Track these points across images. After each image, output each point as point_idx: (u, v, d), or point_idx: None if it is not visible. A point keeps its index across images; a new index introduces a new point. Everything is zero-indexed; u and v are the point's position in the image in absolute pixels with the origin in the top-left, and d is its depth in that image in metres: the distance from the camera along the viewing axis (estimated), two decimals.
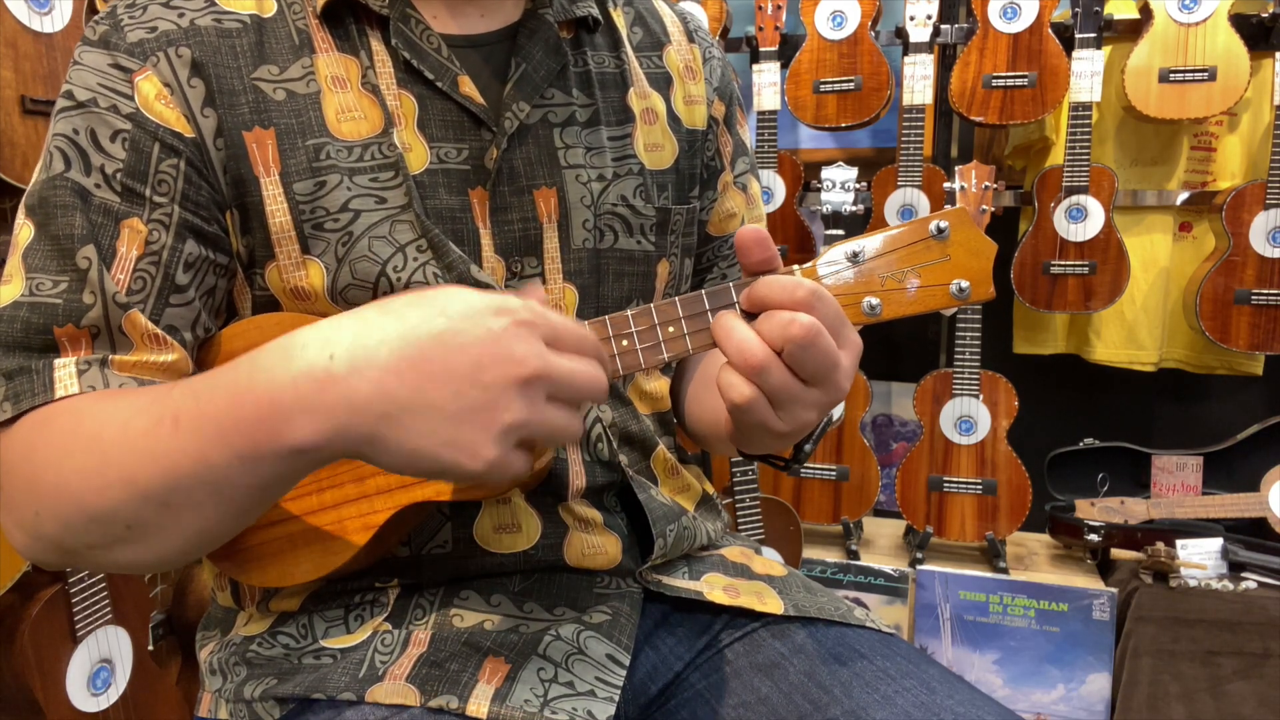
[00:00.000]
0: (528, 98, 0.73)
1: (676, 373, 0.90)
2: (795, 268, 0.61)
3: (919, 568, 2.00)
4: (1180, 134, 2.11)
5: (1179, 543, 1.87)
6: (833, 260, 0.61)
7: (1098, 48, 1.92)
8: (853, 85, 2.08)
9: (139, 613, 1.57)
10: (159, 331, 0.64)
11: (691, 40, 0.86)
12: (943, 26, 2.05)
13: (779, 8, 2.09)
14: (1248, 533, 1.94)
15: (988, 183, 1.88)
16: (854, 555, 2.11)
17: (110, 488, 0.56)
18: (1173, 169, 2.13)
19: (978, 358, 1.99)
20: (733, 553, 0.84)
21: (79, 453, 0.57)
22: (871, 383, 2.15)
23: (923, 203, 2.07)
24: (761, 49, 2.11)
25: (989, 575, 1.97)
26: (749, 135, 0.91)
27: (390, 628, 0.70)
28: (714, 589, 0.77)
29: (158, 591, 1.75)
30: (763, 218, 0.92)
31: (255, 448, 0.52)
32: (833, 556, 2.10)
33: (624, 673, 0.69)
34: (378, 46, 0.71)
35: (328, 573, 0.67)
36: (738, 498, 1.96)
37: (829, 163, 1.95)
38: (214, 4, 0.68)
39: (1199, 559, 1.86)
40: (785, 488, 2.14)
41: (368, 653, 0.69)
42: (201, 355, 0.68)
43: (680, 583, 0.78)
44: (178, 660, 1.79)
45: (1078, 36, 1.92)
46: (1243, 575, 1.86)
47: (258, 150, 0.67)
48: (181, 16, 0.67)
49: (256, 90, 0.67)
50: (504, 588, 0.74)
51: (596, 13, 0.78)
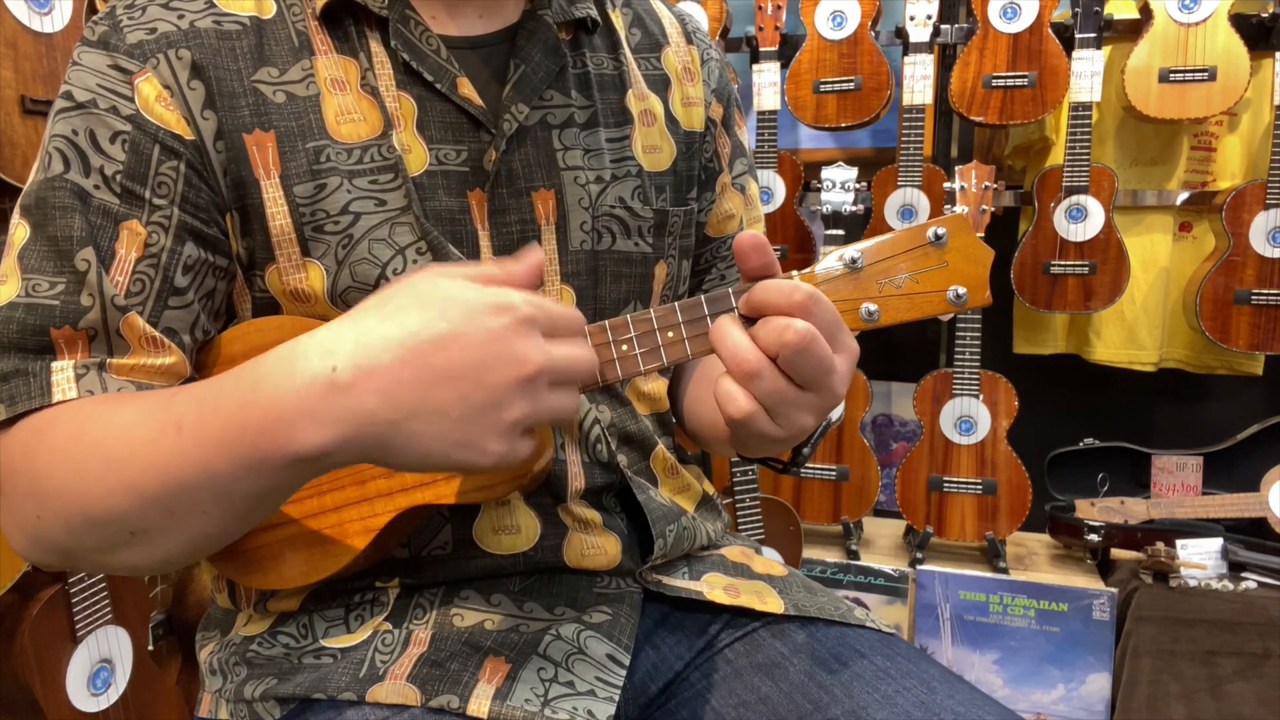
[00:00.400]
0: (526, 99, 0.73)
1: (675, 373, 0.90)
2: (794, 273, 0.61)
3: (919, 568, 2.00)
4: (1180, 134, 2.11)
5: (1179, 543, 1.87)
6: (830, 266, 0.61)
7: (1098, 48, 1.92)
8: (853, 85, 2.08)
9: (139, 613, 1.57)
10: (157, 334, 0.64)
11: (690, 42, 0.86)
12: (943, 26, 2.05)
13: (779, 8, 2.09)
14: (1248, 533, 1.94)
15: (988, 183, 1.88)
16: (854, 555, 2.11)
17: (114, 494, 0.56)
18: (1173, 169, 2.13)
19: (978, 358, 1.99)
20: (733, 552, 0.84)
21: (82, 458, 0.57)
22: (871, 383, 2.15)
23: (923, 203, 2.07)
24: (761, 49, 2.11)
25: (989, 575, 1.97)
26: (748, 136, 0.91)
27: (390, 627, 0.71)
28: (714, 589, 0.77)
29: (158, 592, 1.75)
30: (761, 218, 0.92)
31: (261, 457, 0.52)
32: (833, 556, 2.10)
33: (624, 672, 0.69)
34: (377, 48, 0.71)
35: (327, 575, 0.67)
36: (738, 498, 1.96)
37: (829, 163, 1.95)
38: (214, 6, 0.68)
39: (1199, 559, 1.86)
40: (785, 488, 2.14)
41: (368, 652, 0.69)
42: (201, 358, 0.68)
43: (680, 583, 0.78)
44: (178, 660, 1.79)
45: (1078, 36, 1.92)
46: (1243, 575, 1.86)
47: (258, 153, 0.67)
48: (181, 18, 0.67)
49: (256, 92, 0.67)
50: (504, 588, 0.74)
51: (595, 14, 0.78)
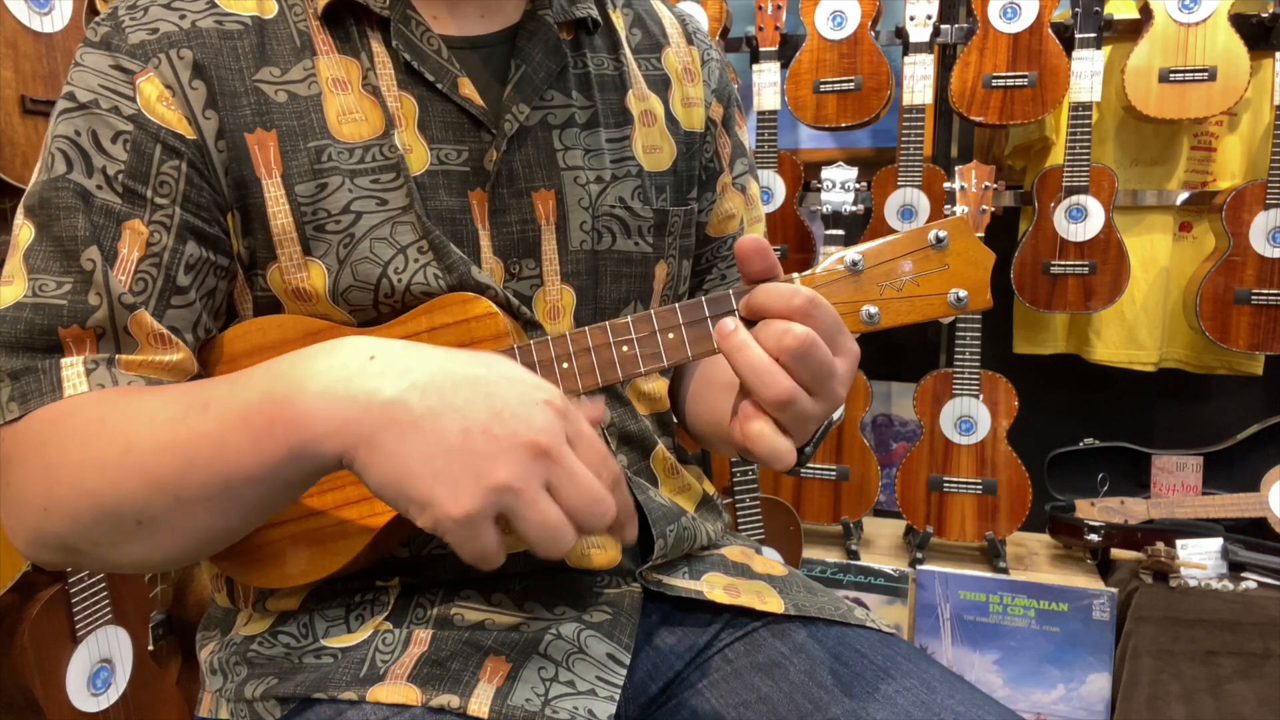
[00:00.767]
0: (527, 99, 0.73)
1: (676, 373, 0.90)
2: (795, 275, 0.61)
3: (919, 568, 2.00)
4: (1180, 134, 2.11)
5: (1179, 543, 1.87)
6: (831, 268, 0.61)
7: (1098, 48, 1.92)
8: (853, 85, 2.08)
9: (139, 613, 1.57)
10: (164, 331, 0.64)
11: (690, 42, 0.86)
12: (943, 26, 2.05)
13: (779, 8, 2.09)
14: (1248, 533, 1.94)
15: (988, 183, 1.88)
16: (854, 555, 2.11)
17: (127, 478, 0.56)
18: (1173, 169, 2.13)
19: (978, 358, 1.99)
20: (733, 552, 0.84)
21: (102, 445, 0.57)
22: (871, 383, 2.15)
23: (923, 203, 2.07)
24: (761, 49, 2.11)
25: (989, 575, 1.97)
26: (748, 136, 0.91)
27: (391, 627, 0.71)
28: (714, 589, 0.78)
29: (158, 591, 1.75)
30: (761, 218, 0.92)
31: (270, 433, 0.52)
32: (833, 556, 2.10)
33: (624, 672, 0.69)
34: (378, 48, 0.71)
35: (327, 574, 0.67)
36: (738, 498, 1.96)
37: (829, 163, 1.95)
38: (215, 5, 0.69)
39: (1199, 559, 1.86)
40: (785, 488, 2.14)
41: (369, 652, 0.69)
42: (203, 356, 0.69)
43: (681, 582, 0.78)
44: (178, 660, 1.79)
45: (1078, 36, 1.92)
46: (1243, 575, 1.86)
47: (259, 152, 0.67)
48: (183, 18, 0.67)
49: (258, 92, 0.67)
50: (505, 587, 0.74)
51: (596, 14, 0.78)
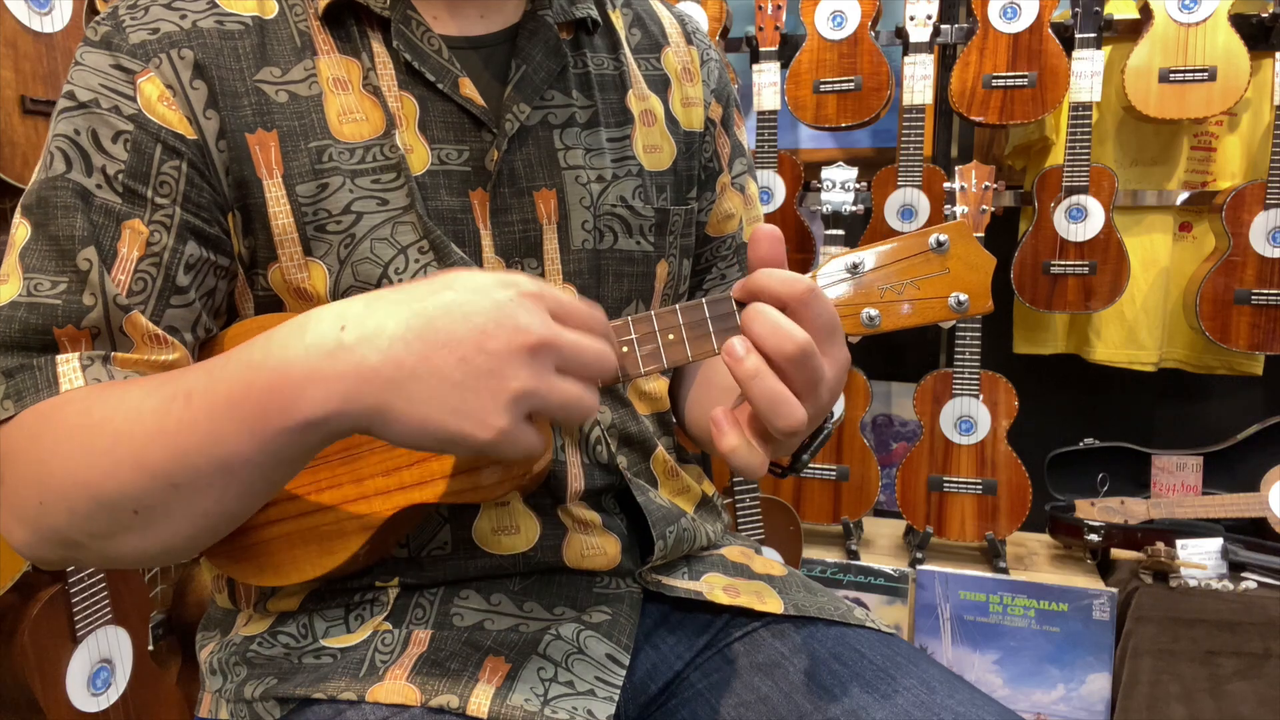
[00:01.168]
0: (528, 99, 0.73)
1: (676, 374, 0.90)
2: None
3: (919, 568, 2.00)
4: (1180, 134, 2.11)
5: (1179, 543, 1.87)
6: (832, 271, 0.61)
7: (1098, 48, 1.92)
8: (853, 85, 2.08)
9: (139, 613, 1.57)
10: (160, 331, 0.64)
11: (690, 42, 0.86)
12: (943, 26, 2.05)
13: (779, 8, 2.09)
14: (1248, 533, 1.94)
15: (988, 183, 1.88)
16: (854, 555, 2.11)
17: (120, 468, 0.56)
18: (1173, 169, 2.13)
19: (978, 358, 1.99)
20: (733, 553, 0.84)
21: (90, 437, 0.57)
22: (871, 383, 2.15)
23: (923, 203, 2.07)
24: (761, 49, 2.11)
25: (989, 575, 1.97)
26: (747, 136, 0.91)
27: (390, 627, 0.71)
28: (714, 589, 0.78)
29: (158, 592, 1.75)
30: (761, 218, 0.92)
31: (264, 419, 0.52)
32: (833, 556, 2.10)
33: (624, 672, 0.69)
34: (379, 48, 0.71)
35: (325, 573, 0.67)
36: (738, 498, 1.96)
37: (829, 163, 1.95)
38: (216, 5, 0.69)
39: (1199, 559, 1.86)
40: (785, 488, 2.14)
41: (368, 652, 0.69)
42: (204, 355, 0.69)
43: (680, 583, 0.78)
44: (178, 660, 1.79)
45: (1078, 36, 1.92)
46: (1243, 575, 1.86)
47: (260, 152, 0.67)
48: (184, 18, 0.67)
49: (259, 92, 0.67)
50: (504, 587, 0.74)
51: (596, 14, 0.78)
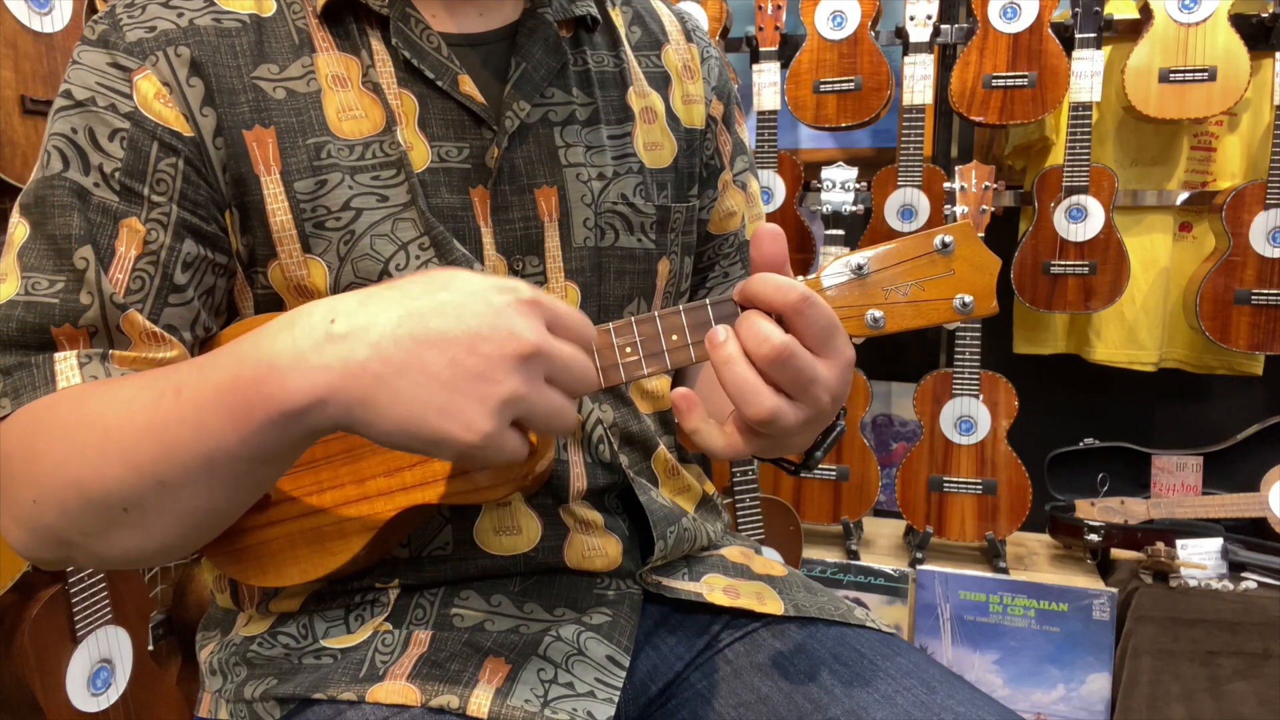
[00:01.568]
0: (528, 97, 0.73)
1: (678, 373, 0.90)
2: (799, 279, 0.61)
3: (919, 568, 2.00)
4: (1180, 134, 2.11)
5: (1179, 543, 1.87)
6: (836, 272, 0.61)
7: (1098, 48, 1.92)
8: (853, 85, 2.08)
9: (139, 613, 1.57)
10: (158, 329, 0.64)
11: (689, 40, 0.86)
12: (943, 26, 2.05)
13: (779, 8, 2.09)
14: (1248, 533, 1.94)
15: (988, 183, 1.88)
16: (854, 555, 2.11)
17: (108, 465, 0.55)
18: (1173, 169, 2.13)
19: (978, 358, 1.99)
20: (733, 553, 0.84)
21: (81, 434, 0.57)
22: (871, 383, 2.15)
23: (923, 203, 2.07)
24: (761, 49, 2.11)
25: (989, 575, 1.97)
26: (748, 135, 0.91)
27: (391, 627, 0.70)
28: (714, 590, 0.77)
29: (158, 592, 1.75)
30: (762, 215, 0.92)
31: (248, 409, 0.52)
32: (833, 556, 2.10)
33: (624, 674, 0.69)
34: (378, 46, 0.71)
35: (326, 574, 0.67)
36: (738, 498, 1.96)
37: (829, 163, 1.95)
38: (213, 3, 0.68)
39: (1199, 559, 1.86)
40: (785, 488, 2.14)
41: (368, 652, 0.69)
42: (203, 353, 0.68)
43: (680, 584, 0.78)
44: (178, 660, 1.79)
45: (1078, 36, 1.92)
46: (1243, 575, 1.86)
47: (258, 149, 0.66)
48: (180, 16, 0.67)
49: (256, 89, 0.67)
50: (504, 588, 0.74)
51: (595, 12, 0.78)
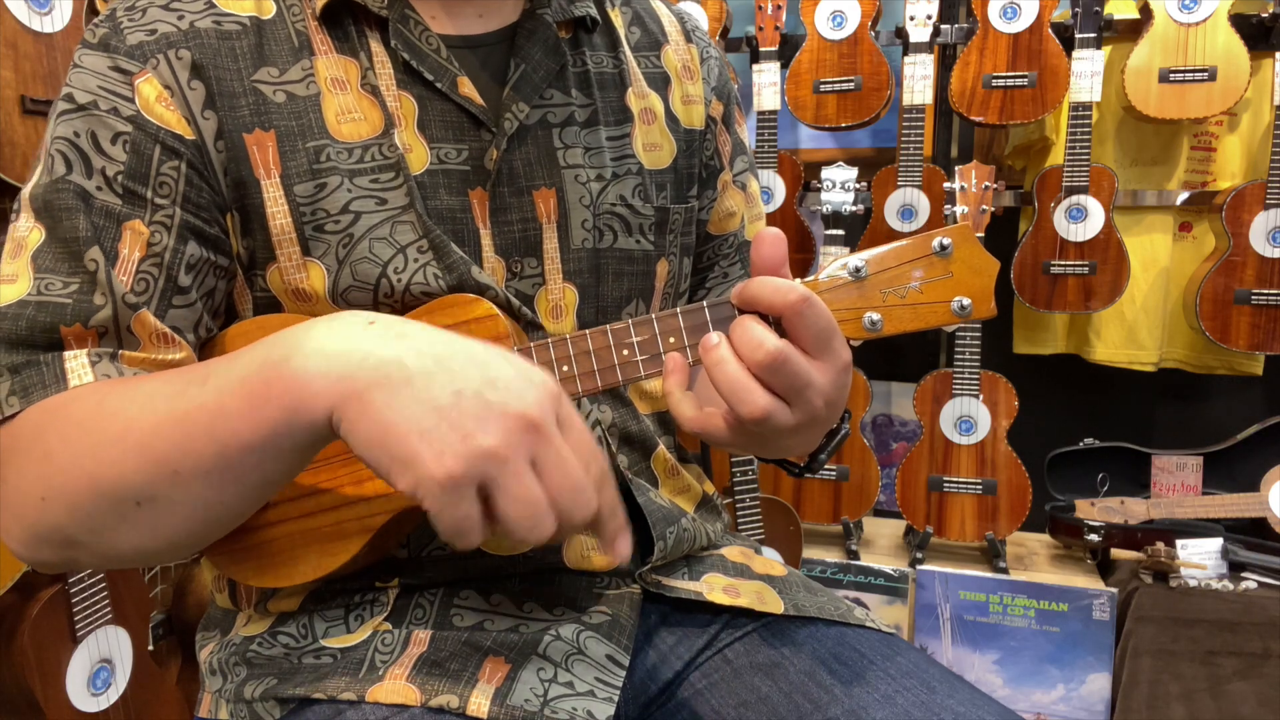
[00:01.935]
0: (527, 98, 0.73)
1: None
2: (797, 280, 0.61)
3: (919, 568, 2.00)
4: (1180, 134, 2.11)
5: (1179, 543, 1.87)
6: (835, 274, 0.61)
7: (1098, 48, 1.92)
8: (853, 85, 2.08)
9: (139, 613, 1.57)
10: (167, 330, 0.64)
11: (689, 40, 0.86)
12: (943, 26, 2.05)
13: (779, 8, 2.09)
14: (1248, 533, 1.94)
15: (988, 183, 1.88)
16: (854, 555, 2.11)
17: (126, 456, 0.55)
18: (1173, 169, 2.13)
19: (978, 358, 1.99)
20: (733, 553, 0.84)
21: (101, 427, 0.57)
22: (871, 383, 2.15)
23: (923, 203, 2.07)
24: (761, 49, 2.11)
25: (989, 575, 1.97)
26: (748, 135, 0.91)
27: (390, 627, 0.71)
28: (714, 589, 0.77)
29: (158, 592, 1.75)
30: (762, 216, 0.92)
31: (267, 390, 0.52)
32: (833, 556, 2.10)
33: (623, 673, 0.69)
34: (377, 48, 0.71)
35: (325, 574, 0.67)
36: (738, 498, 1.96)
37: (829, 163, 1.95)
38: (213, 6, 0.69)
39: (1199, 559, 1.86)
40: (785, 488, 2.14)
41: (368, 652, 0.69)
42: (204, 355, 0.69)
43: (680, 583, 0.78)
44: (178, 660, 1.79)
45: (1078, 36, 1.92)
46: (1243, 575, 1.86)
47: (258, 152, 0.67)
48: (181, 19, 0.67)
49: (256, 92, 0.67)
50: (504, 588, 0.74)
51: (594, 13, 0.78)
